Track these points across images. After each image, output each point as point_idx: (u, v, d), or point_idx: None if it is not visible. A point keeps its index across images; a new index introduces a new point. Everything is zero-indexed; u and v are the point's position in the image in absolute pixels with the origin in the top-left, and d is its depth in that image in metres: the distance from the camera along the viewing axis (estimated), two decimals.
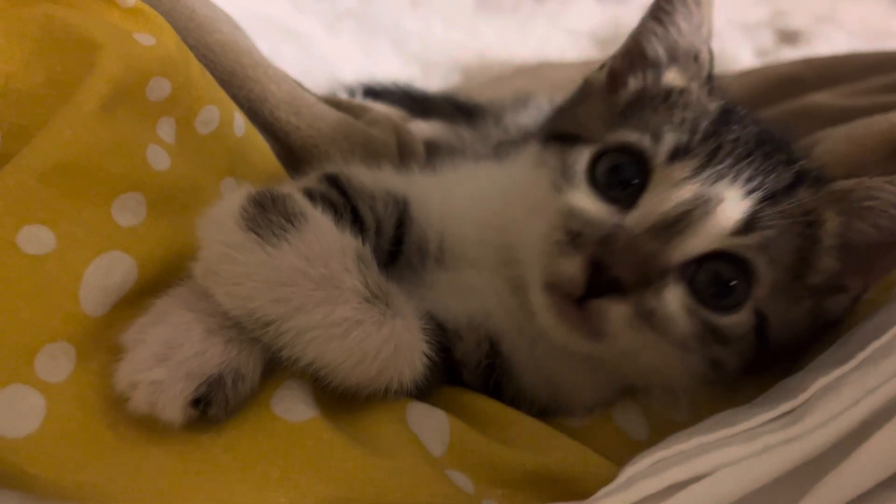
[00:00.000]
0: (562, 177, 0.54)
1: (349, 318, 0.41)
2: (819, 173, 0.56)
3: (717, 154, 0.52)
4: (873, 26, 2.17)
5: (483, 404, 0.52)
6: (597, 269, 0.47)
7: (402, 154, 0.76)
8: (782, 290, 0.51)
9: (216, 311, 0.42)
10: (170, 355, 0.40)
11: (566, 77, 0.63)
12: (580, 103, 0.64)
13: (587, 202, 0.52)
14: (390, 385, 0.44)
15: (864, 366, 0.44)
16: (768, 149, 0.54)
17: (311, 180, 0.57)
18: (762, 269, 0.50)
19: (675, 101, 0.57)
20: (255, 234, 0.40)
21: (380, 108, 0.85)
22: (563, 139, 0.58)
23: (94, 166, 0.43)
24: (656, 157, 0.52)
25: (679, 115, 0.55)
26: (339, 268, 0.42)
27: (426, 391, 0.49)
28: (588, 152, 0.55)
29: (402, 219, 0.60)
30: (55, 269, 0.41)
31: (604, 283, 0.47)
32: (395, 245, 0.60)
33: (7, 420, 0.38)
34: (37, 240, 0.41)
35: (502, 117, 0.97)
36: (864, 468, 0.37)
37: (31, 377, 0.39)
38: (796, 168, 0.54)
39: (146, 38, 0.47)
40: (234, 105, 0.57)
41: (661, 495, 0.37)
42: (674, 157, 0.52)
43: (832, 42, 1.83)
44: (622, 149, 0.54)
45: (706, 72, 0.60)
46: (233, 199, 0.42)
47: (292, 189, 0.47)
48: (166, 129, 0.49)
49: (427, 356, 0.47)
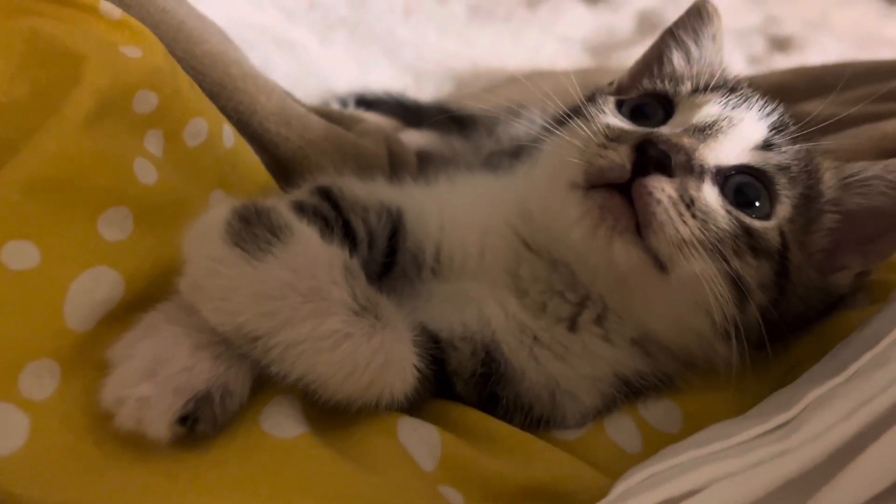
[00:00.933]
0: (589, 119, 0.56)
1: (338, 331, 0.41)
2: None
3: (733, 90, 0.58)
4: (865, 32, 2.18)
5: (475, 418, 0.52)
6: (643, 150, 0.48)
7: (394, 165, 0.76)
8: (797, 231, 0.54)
9: (204, 327, 0.41)
10: (157, 371, 0.40)
11: (559, 85, 0.63)
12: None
13: (621, 122, 0.56)
14: (381, 398, 0.44)
15: (857, 377, 0.43)
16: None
17: (303, 193, 0.57)
18: (783, 190, 0.54)
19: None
20: (241, 248, 0.40)
21: (371, 118, 0.85)
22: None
23: (79, 180, 0.42)
24: (678, 94, 0.58)
25: (694, 71, 0.64)
26: (327, 280, 0.42)
27: (417, 404, 0.49)
28: (612, 100, 0.60)
29: (395, 230, 0.60)
30: (40, 285, 0.41)
31: (651, 161, 0.48)
32: (388, 256, 0.59)
33: None
34: (21, 255, 0.41)
35: (494, 128, 0.97)
36: (858, 481, 0.37)
37: (15, 395, 0.39)
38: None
39: (132, 51, 0.46)
40: (222, 117, 0.57)
41: None
42: (695, 92, 0.58)
43: (824, 48, 1.84)
44: (645, 94, 0.61)
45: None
46: (217, 213, 0.42)
47: (279, 202, 0.46)
48: (154, 142, 0.49)
49: (418, 368, 0.46)
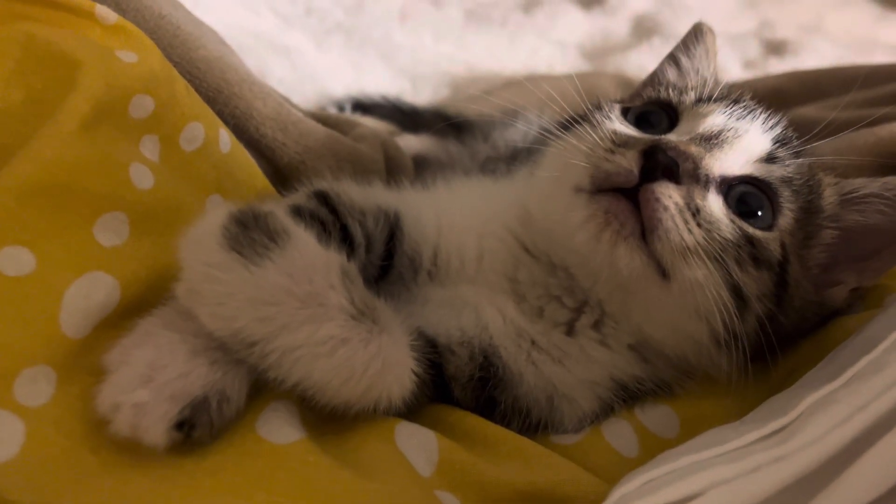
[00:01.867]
0: (595, 125, 0.56)
1: (335, 336, 0.41)
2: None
3: (737, 101, 0.59)
4: (860, 36, 2.19)
5: (472, 423, 0.52)
6: (651, 155, 0.49)
7: (391, 169, 0.76)
8: (796, 244, 0.55)
9: (201, 332, 0.41)
10: (153, 377, 0.39)
11: (555, 89, 0.63)
12: None
13: (627, 129, 0.56)
14: (379, 403, 0.44)
15: (854, 382, 0.43)
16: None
17: (300, 197, 0.57)
18: (785, 203, 0.55)
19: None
20: (238, 253, 0.40)
21: (368, 122, 0.85)
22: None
23: (75, 186, 0.42)
24: (683, 103, 0.59)
25: (698, 81, 0.65)
26: (324, 284, 0.42)
27: (415, 409, 0.49)
28: (618, 107, 0.61)
29: (392, 233, 0.60)
30: (35, 291, 0.41)
31: (659, 167, 0.48)
32: (385, 260, 0.59)
33: None
34: (16, 261, 0.40)
35: (491, 133, 0.97)
36: (856, 486, 0.37)
37: (11, 402, 0.39)
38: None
39: (128, 56, 0.46)
40: (219, 122, 0.56)
41: None
42: (699, 101, 0.59)
43: (819, 52, 1.84)
44: (650, 102, 0.61)
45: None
46: (214, 217, 0.41)
47: (276, 207, 0.46)
48: (150, 147, 0.49)
49: (416, 373, 0.46)
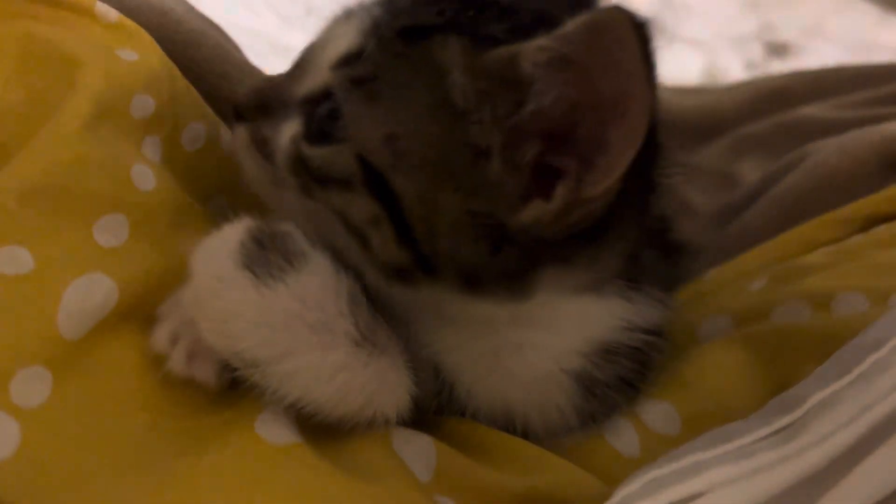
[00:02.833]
0: None
1: (338, 363, 0.41)
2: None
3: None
4: (861, 38, 2.19)
5: (468, 428, 0.51)
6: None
7: None
8: (429, 164, 0.43)
9: None
10: None
11: None
12: None
13: None
14: (375, 420, 0.44)
15: (861, 381, 0.43)
16: None
17: None
18: (352, 107, 0.44)
19: None
20: (251, 272, 0.39)
21: None
22: None
23: (75, 187, 0.42)
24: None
25: None
26: (335, 312, 0.41)
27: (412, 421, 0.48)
28: None
29: None
30: (33, 291, 0.40)
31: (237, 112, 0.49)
32: None
33: None
34: (14, 261, 0.40)
35: None
36: (862, 486, 0.36)
37: (6, 402, 0.38)
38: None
39: (128, 54, 0.46)
40: (220, 120, 0.56)
41: None
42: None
43: (821, 54, 1.85)
44: None
45: None
46: (232, 231, 0.41)
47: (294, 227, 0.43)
48: (152, 148, 0.48)
49: (411, 390, 0.46)
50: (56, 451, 0.38)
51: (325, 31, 0.49)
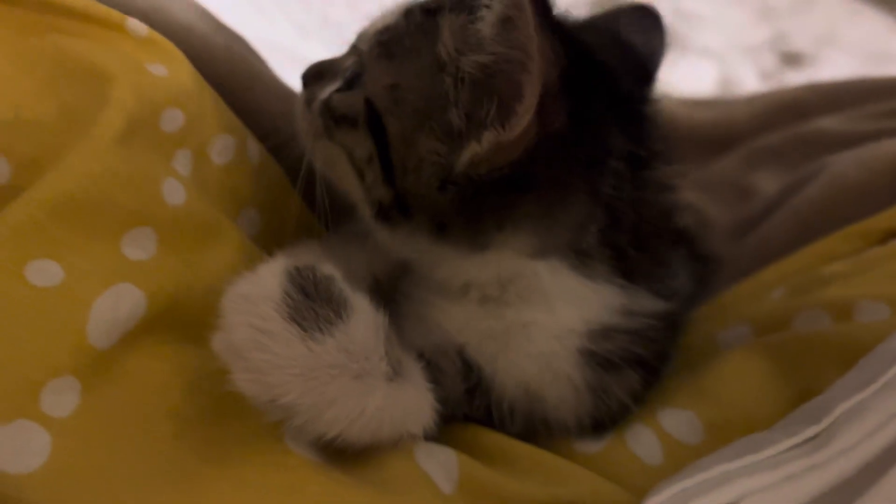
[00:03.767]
0: None
1: (379, 405, 0.41)
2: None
3: None
4: (875, 47, 2.18)
5: (490, 438, 0.52)
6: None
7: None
8: (415, 110, 0.51)
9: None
10: None
11: None
12: None
13: None
14: (400, 440, 0.45)
15: (886, 390, 0.43)
16: None
17: None
18: (372, 62, 0.53)
19: None
20: (298, 325, 0.38)
21: None
22: None
23: (105, 200, 0.43)
24: None
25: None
26: (377, 359, 0.41)
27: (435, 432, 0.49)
28: None
29: None
30: (63, 302, 0.41)
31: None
32: None
33: (12, 456, 0.37)
34: (45, 273, 0.41)
35: None
36: (890, 495, 0.36)
37: (37, 412, 0.39)
38: None
39: (158, 69, 0.47)
40: (247, 132, 0.57)
41: None
42: None
43: (835, 64, 1.85)
44: None
45: None
46: (270, 275, 0.39)
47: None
48: (182, 161, 0.49)
49: (435, 408, 0.47)
50: (85, 459, 0.39)
51: (378, 16, 0.57)
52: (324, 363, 0.38)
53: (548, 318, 0.53)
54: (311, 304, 0.39)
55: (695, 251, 0.60)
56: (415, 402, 0.45)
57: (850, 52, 1.96)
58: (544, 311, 0.53)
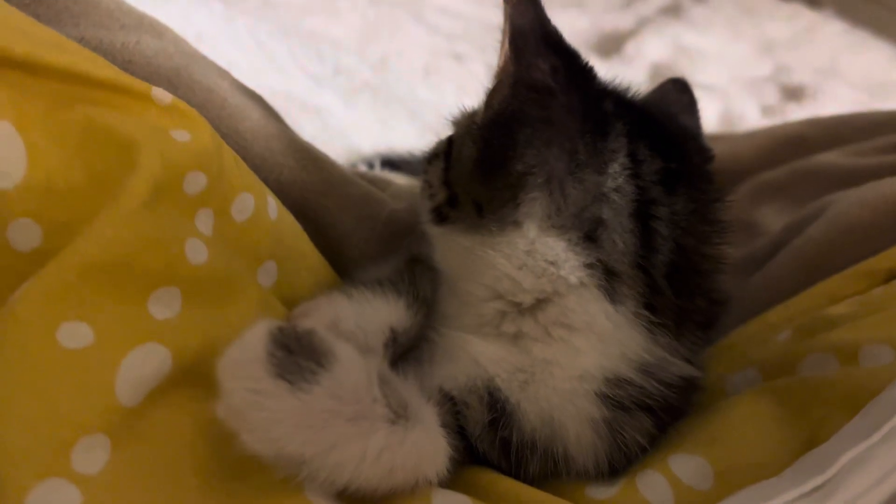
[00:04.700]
0: None
1: (381, 446, 0.43)
2: None
3: None
4: (876, 79, 2.20)
5: (505, 485, 0.52)
6: None
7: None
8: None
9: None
10: None
11: None
12: None
13: None
14: (417, 486, 0.46)
15: (891, 438, 0.44)
16: None
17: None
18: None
19: None
20: (285, 380, 0.40)
21: (400, 180, 0.88)
22: None
23: (133, 263, 0.44)
24: None
25: None
26: (369, 401, 0.43)
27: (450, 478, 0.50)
28: None
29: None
30: (93, 363, 0.42)
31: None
32: None
33: None
34: (76, 335, 0.42)
35: None
36: None
37: (68, 470, 0.40)
38: None
39: (182, 135, 0.49)
40: (266, 189, 0.59)
41: None
42: None
43: (836, 96, 1.86)
44: None
45: None
46: (254, 339, 0.41)
47: (314, 323, 0.48)
48: (204, 221, 0.51)
49: (449, 452, 0.49)
50: None
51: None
52: (316, 410, 0.40)
53: (571, 359, 0.55)
54: (294, 358, 0.41)
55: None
56: (427, 445, 0.46)
57: (851, 84, 1.98)
58: (567, 354, 0.56)
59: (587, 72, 0.62)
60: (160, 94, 0.50)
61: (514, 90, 0.58)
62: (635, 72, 1.87)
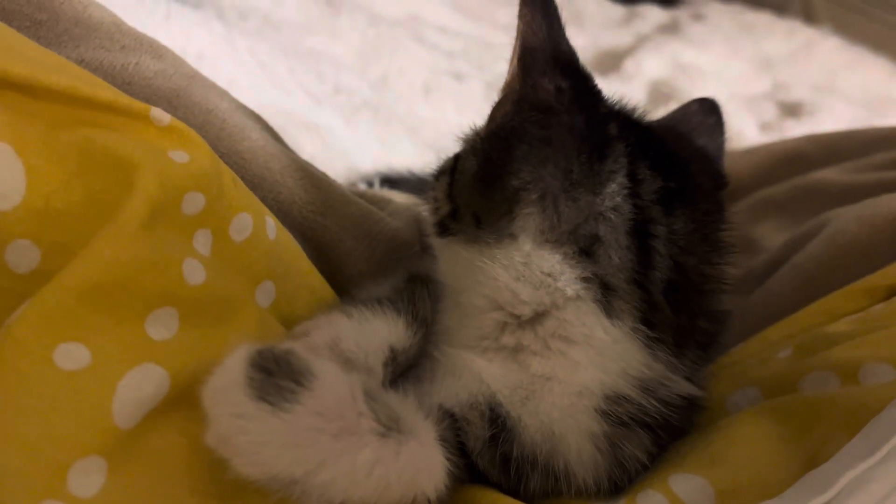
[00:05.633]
0: None
1: (370, 460, 0.42)
2: None
3: None
4: (874, 94, 2.21)
5: None
6: None
7: (423, 243, 0.78)
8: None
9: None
10: None
11: None
12: None
13: None
14: (416, 500, 0.46)
15: (890, 459, 0.44)
16: None
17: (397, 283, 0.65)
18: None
19: None
20: (266, 402, 0.40)
21: (399, 198, 0.88)
22: None
23: (130, 284, 0.44)
24: None
25: None
26: (354, 415, 0.43)
27: (451, 495, 0.50)
28: None
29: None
30: (89, 385, 0.42)
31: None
32: None
33: None
34: (73, 356, 0.42)
35: None
36: None
37: (64, 493, 0.40)
38: None
39: (180, 155, 0.49)
40: (265, 209, 0.59)
41: None
42: None
43: (834, 112, 1.87)
44: None
45: None
46: (234, 364, 0.42)
47: (293, 343, 0.48)
48: (202, 241, 0.51)
49: (447, 466, 0.48)
50: None
51: None
52: (300, 429, 0.41)
53: (570, 375, 0.56)
54: (273, 379, 0.41)
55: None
56: (423, 459, 0.46)
57: (849, 100, 1.99)
58: (566, 369, 0.56)
59: (594, 94, 0.63)
60: (159, 114, 0.50)
61: (517, 107, 0.60)
62: (634, 89, 1.87)
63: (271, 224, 0.59)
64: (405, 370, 0.60)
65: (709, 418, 0.63)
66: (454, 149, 0.67)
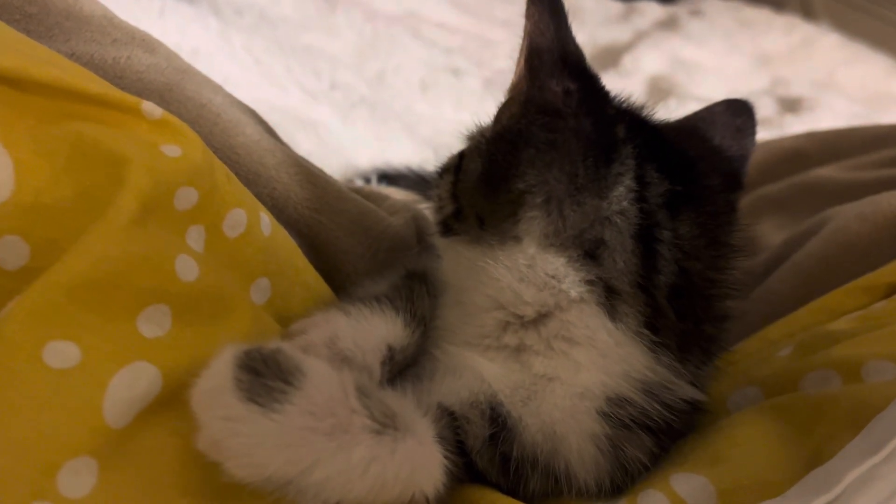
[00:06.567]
0: None
1: (365, 457, 0.42)
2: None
3: None
4: (873, 90, 2.21)
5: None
6: None
7: (421, 241, 0.78)
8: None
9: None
10: None
11: None
12: None
13: None
14: (414, 499, 0.45)
15: (895, 457, 0.43)
16: None
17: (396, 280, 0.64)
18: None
19: None
20: (256, 403, 0.40)
21: (396, 195, 0.87)
22: None
23: (122, 281, 0.44)
24: None
25: None
26: (346, 412, 0.42)
27: (450, 494, 0.49)
28: None
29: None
30: (80, 383, 0.41)
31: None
32: None
33: None
34: (62, 354, 0.41)
35: None
36: None
37: (54, 494, 0.39)
38: None
39: (173, 150, 0.48)
40: (259, 205, 0.58)
41: None
42: None
43: (833, 108, 1.87)
44: None
45: None
46: (221, 366, 0.41)
47: (281, 342, 0.47)
48: (195, 237, 0.50)
49: (445, 464, 0.48)
50: None
51: None
52: (292, 428, 0.40)
53: (572, 376, 0.55)
54: (262, 380, 0.40)
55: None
56: (420, 456, 0.46)
57: (848, 96, 1.98)
58: (568, 370, 0.56)
59: (602, 96, 0.62)
60: (150, 108, 0.49)
61: (524, 109, 0.59)
62: (632, 85, 1.87)
63: (266, 220, 0.58)
64: (403, 369, 0.59)
65: (710, 418, 0.63)
66: (453, 146, 0.67)
